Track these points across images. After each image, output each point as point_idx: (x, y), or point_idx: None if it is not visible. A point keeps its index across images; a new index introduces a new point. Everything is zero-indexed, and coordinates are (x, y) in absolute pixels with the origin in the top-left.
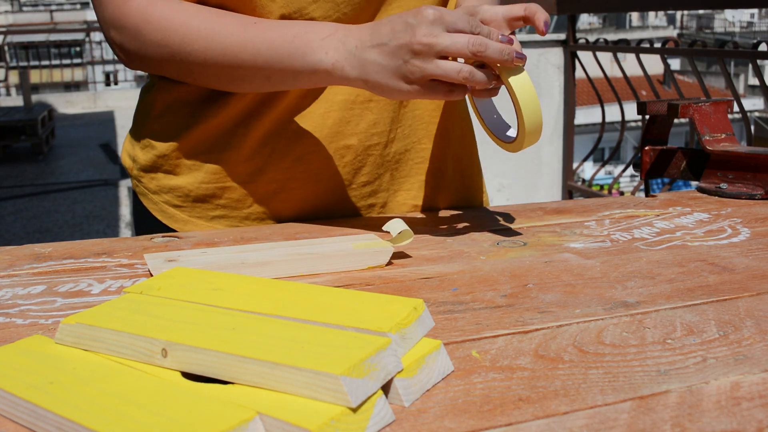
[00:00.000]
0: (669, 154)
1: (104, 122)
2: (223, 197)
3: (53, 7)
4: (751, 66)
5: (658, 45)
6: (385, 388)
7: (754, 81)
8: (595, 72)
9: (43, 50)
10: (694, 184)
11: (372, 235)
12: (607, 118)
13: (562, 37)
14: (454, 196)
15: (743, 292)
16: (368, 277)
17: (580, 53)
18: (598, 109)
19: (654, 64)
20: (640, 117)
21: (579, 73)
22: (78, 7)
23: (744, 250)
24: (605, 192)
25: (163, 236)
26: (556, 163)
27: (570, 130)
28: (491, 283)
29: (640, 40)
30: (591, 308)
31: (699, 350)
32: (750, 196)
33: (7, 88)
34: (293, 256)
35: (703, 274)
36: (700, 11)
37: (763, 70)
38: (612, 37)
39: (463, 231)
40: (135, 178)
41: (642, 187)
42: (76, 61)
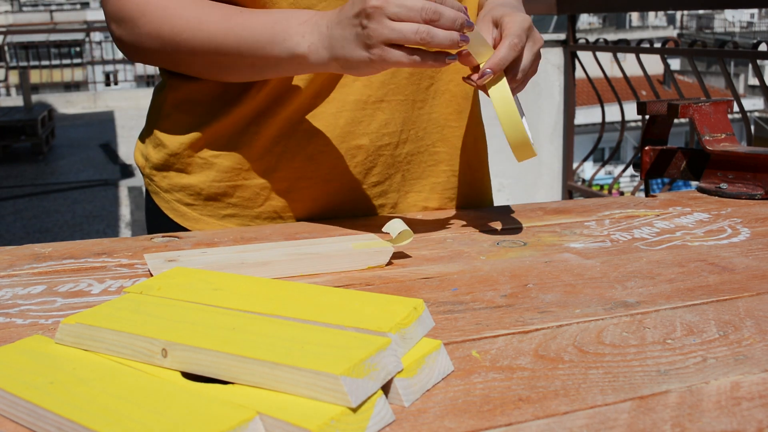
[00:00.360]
0: (669, 154)
1: (104, 122)
2: (235, 196)
3: (53, 7)
4: (751, 66)
5: (658, 45)
6: (385, 388)
7: (754, 81)
8: (595, 72)
9: (43, 50)
10: (694, 184)
11: (372, 235)
12: (607, 118)
13: (562, 37)
14: (464, 199)
15: (743, 292)
16: (368, 277)
17: (580, 53)
18: (598, 109)
19: (654, 64)
20: (640, 117)
21: (579, 73)
22: (78, 7)
23: (744, 250)
24: (605, 192)
25: (163, 236)
26: (556, 163)
27: (570, 130)
28: (491, 283)
29: (640, 40)
30: (591, 308)
31: (699, 350)
32: (750, 196)
33: (7, 88)
34: (293, 256)
35: (703, 274)
36: (700, 11)
37: (763, 70)
38: (612, 37)
39: (463, 231)
40: (147, 177)
41: (642, 187)
42: (76, 61)
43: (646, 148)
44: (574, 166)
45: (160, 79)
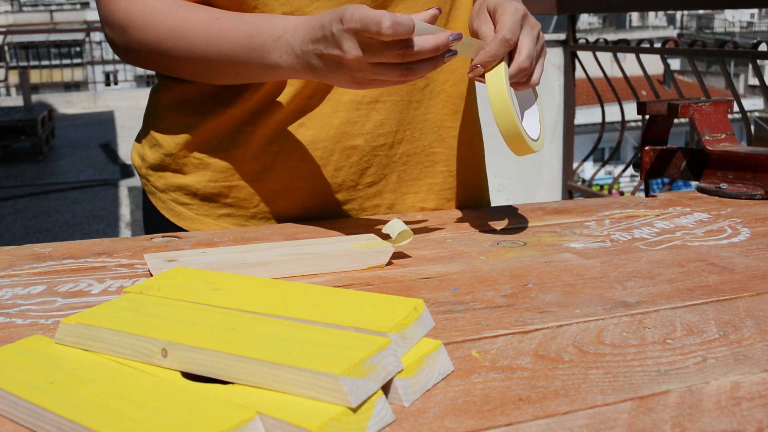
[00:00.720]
0: (669, 154)
1: (104, 122)
2: (230, 196)
3: (53, 7)
4: (751, 66)
5: (658, 45)
6: (385, 388)
7: (754, 81)
8: (595, 72)
9: (43, 50)
10: (694, 184)
11: (372, 235)
12: (607, 118)
13: (562, 37)
14: (461, 199)
15: (743, 292)
16: (368, 277)
17: (580, 53)
18: (598, 109)
19: (654, 64)
20: (640, 117)
21: (579, 73)
22: (78, 7)
23: (744, 250)
24: (605, 192)
25: (163, 236)
26: (556, 163)
27: (570, 130)
28: (491, 283)
29: (640, 40)
30: (591, 308)
31: (699, 350)
32: (750, 196)
33: (7, 88)
34: (293, 256)
35: (703, 274)
36: (700, 11)
37: (763, 70)
38: (612, 37)
39: (463, 231)
40: (144, 177)
41: (642, 187)
42: (76, 61)
43: (646, 148)
44: (574, 166)
45: (157, 80)
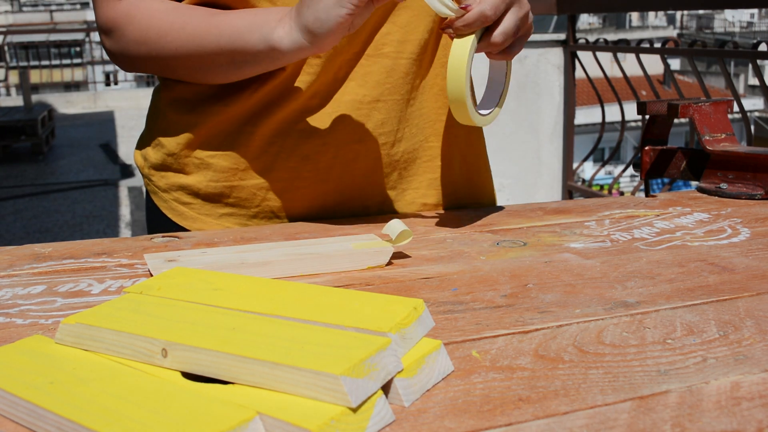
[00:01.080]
0: (669, 154)
1: (104, 122)
2: (232, 196)
3: (53, 7)
4: (751, 66)
5: (658, 45)
6: (385, 388)
7: (754, 81)
8: (595, 72)
9: (43, 50)
10: (694, 184)
11: (372, 235)
12: (607, 118)
13: (562, 37)
14: (463, 193)
15: (743, 292)
16: (368, 277)
17: (580, 53)
18: (598, 109)
19: (654, 64)
20: (640, 117)
21: (579, 73)
22: (78, 7)
23: (744, 250)
24: (605, 192)
25: (163, 236)
26: (556, 163)
27: (570, 130)
28: (491, 283)
29: (640, 40)
30: (591, 308)
31: (699, 350)
32: (750, 196)
33: (7, 88)
34: (293, 256)
35: (703, 274)
36: (700, 11)
37: (763, 70)
38: (612, 37)
39: (463, 231)
40: (146, 176)
41: (642, 187)
42: (76, 61)
43: (646, 148)
44: (574, 166)
45: (158, 81)
